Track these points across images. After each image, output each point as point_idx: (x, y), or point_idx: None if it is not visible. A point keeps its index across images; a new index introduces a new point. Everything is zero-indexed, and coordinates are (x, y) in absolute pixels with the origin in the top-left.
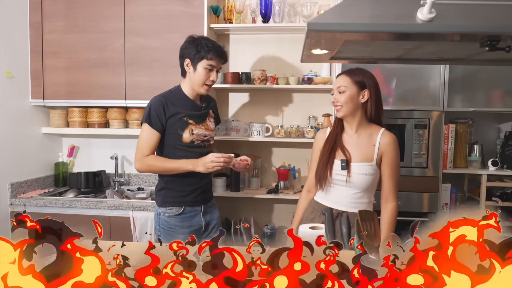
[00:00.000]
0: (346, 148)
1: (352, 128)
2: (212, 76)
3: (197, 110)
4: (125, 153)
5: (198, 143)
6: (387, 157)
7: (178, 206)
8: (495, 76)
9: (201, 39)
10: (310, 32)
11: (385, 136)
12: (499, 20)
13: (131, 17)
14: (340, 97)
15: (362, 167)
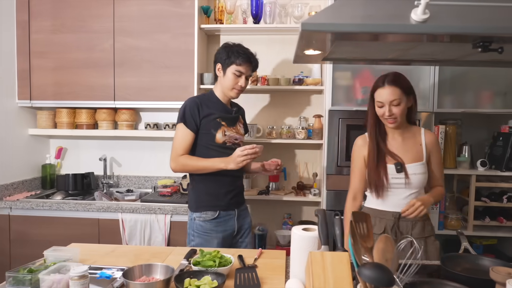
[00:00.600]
0: (395, 152)
1: (397, 132)
2: (240, 82)
3: (229, 113)
4: (114, 155)
5: (229, 145)
6: (434, 154)
7: (213, 211)
8: (484, 78)
9: (234, 46)
10: (303, 33)
11: (428, 136)
12: (492, 21)
13: (120, 17)
14: (395, 109)
15: (416, 167)
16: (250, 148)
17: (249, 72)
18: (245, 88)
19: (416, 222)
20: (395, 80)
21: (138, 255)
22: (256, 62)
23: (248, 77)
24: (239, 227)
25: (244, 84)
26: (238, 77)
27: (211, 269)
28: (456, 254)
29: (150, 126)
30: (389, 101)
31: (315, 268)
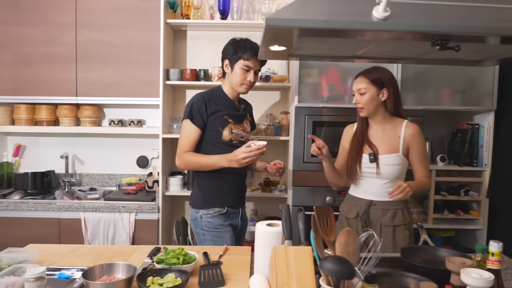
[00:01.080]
0: (373, 142)
1: (377, 123)
2: (249, 77)
3: (236, 110)
4: (77, 152)
5: (236, 143)
6: (414, 146)
7: (220, 207)
8: (444, 76)
9: (241, 41)
10: (268, 28)
11: (409, 128)
12: (450, 20)
13: (83, 10)
14: (361, 98)
15: (389, 158)
16: (256, 148)
17: (257, 67)
18: (254, 84)
19: (388, 210)
20: (367, 71)
21: (100, 255)
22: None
23: (257, 72)
24: (241, 227)
25: (253, 79)
26: (246, 72)
27: (174, 266)
28: (416, 246)
29: (114, 123)
30: (356, 89)
31: (279, 263)
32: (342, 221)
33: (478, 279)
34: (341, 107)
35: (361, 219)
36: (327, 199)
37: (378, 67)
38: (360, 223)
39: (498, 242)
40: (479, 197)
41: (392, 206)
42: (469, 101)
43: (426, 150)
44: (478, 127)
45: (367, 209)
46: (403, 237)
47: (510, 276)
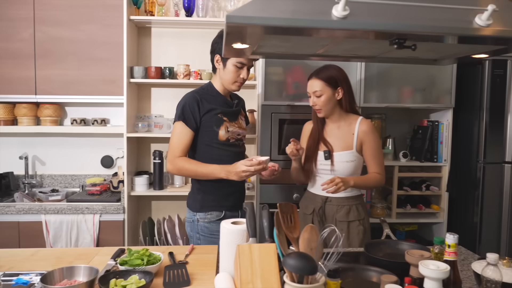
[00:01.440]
0: (328, 140)
1: (332, 121)
2: (242, 74)
3: (230, 107)
4: (37, 153)
5: (233, 141)
6: (367, 142)
7: (218, 211)
8: (405, 75)
9: None
10: (229, 25)
11: (362, 124)
12: (406, 20)
13: (42, 4)
14: (317, 100)
15: (343, 155)
16: (257, 163)
17: (251, 62)
18: (246, 80)
19: (343, 206)
20: (320, 73)
21: (61, 258)
22: None
23: (250, 68)
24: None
25: (247, 76)
26: (239, 69)
27: (138, 267)
28: (379, 240)
29: (76, 122)
30: (312, 92)
31: (243, 260)
32: (301, 216)
33: (435, 271)
34: (307, 105)
35: (317, 214)
36: (294, 196)
37: (330, 66)
38: (316, 219)
39: (454, 234)
40: (439, 191)
41: (347, 202)
42: (429, 99)
43: (379, 147)
44: (438, 124)
45: (322, 205)
46: (357, 233)
47: (467, 267)
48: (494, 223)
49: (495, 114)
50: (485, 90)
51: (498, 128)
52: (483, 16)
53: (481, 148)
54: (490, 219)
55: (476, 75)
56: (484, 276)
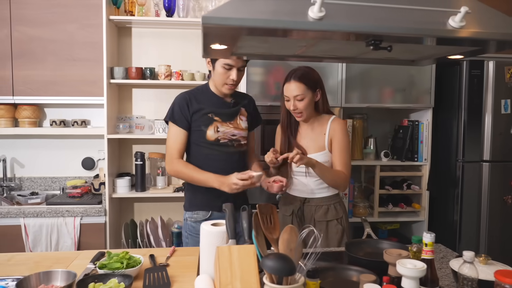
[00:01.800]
0: (301, 142)
1: (307, 122)
2: (232, 76)
3: (225, 107)
4: (16, 155)
5: (224, 141)
6: (335, 140)
7: (205, 211)
8: (386, 75)
9: None
10: (205, 26)
11: (333, 123)
12: (382, 21)
13: (18, 4)
14: (299, 104)
15: (317, 156)
16: (247, 178)
17: (240, 63)
18: (239, 82)
19: (320, 206)
20: (300, 75)
21: (39, 262)
22: None
23: (241, 69)
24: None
25: (237, 77)
26: (228, 70)
27: (117, 271)
28: (360, 239)
29: (56, 123)
30: (293, 96)
31: (222, 262)
32: (280, 218)
33: (412, 269)
34: None
35: (296, 216)
36: (277, 197)
37: (306, 68)
38: (295, 220)
39: (431, 233)
40: (420, 190)
41: (325, 202)
42: (409, 99)
43: (347, 146)
44: (418, 124)
45: (301, 206)
46: (336, 232)
47: (446, 264)
48: (473, 221)
49: (473, 114)
50: (463, 90)
51: (476, 127)
52: (456, 18)
53: (460, 147)
54: (469, 217)
55: (454, 76)
56: (460, 273)
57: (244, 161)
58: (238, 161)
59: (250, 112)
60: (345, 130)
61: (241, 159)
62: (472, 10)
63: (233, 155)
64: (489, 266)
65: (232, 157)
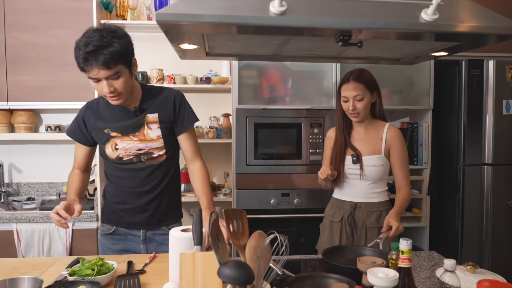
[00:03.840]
0: (355, 144)
1: (361, 125)
2: (104, 89)
3: (125, 118)
4: (13, 160)
5: (129, 158)
6: (394, 149)
7: (109, 225)
8: (383, 76)
9: (78, 42)
10: (160, 23)
11: (390, 130)
12: (347, 16)
13: (12, 10)
14: (358, 104)
15: (372, 159)
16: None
17: (102, 74)
18: (122, 90)
19: (373, 212)
20: (359, 76)
21: (16, 268)
22: (105, 56)
23: (113, 77)
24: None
25: (110, 88)
26: (97, 83)
27: (88, 278)
28: (341, 246)
29: (51, 129)
30: (353, 96)
31: (185, 269)
32: (326, 224)
33: (382, 279)
34: (282, 108)
35: (347, 221)
36: (272, 202)
37: (364, 70)
38: (345, 226)
39: (407, 240)
40: (420, 195)
41: (377, 207)
42: (408, 100)
43: (406, 155)
44: (417, 126)
45: (352, 211)
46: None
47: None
48: (476, 227)
49: (473, 115)
50: (463, 91)
51: (477, 129)
52: (428, 11)
53: (460, 150)
54: (471, 223)
55: (453, 76)
56: (442, 282)
57: (166, 174)
58: (150, 176)
59: (167, 114)
60: (403, 140)
61: (157, 173)
62: (447, 2)
63: (142, 171)
64: (477, 275)
65: (140, 174)
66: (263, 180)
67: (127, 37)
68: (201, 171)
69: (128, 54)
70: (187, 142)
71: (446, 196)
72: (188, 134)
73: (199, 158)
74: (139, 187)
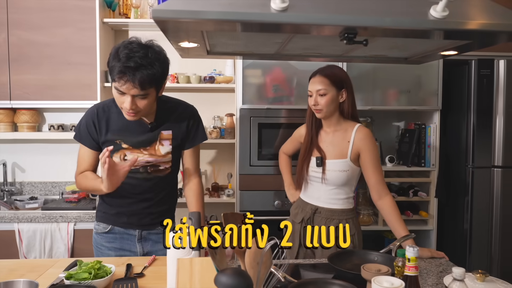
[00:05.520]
0: (322, 146)
1: (330, 126)
2: (125, 103)
3: (140, 132)
4: (16, 159)
5: (135, 168)
6: (365, 152)
7: (105, 223)
8: (390, 76)
9: (121, 48)
10: (156, 20)
11: (359, 132)
12: (352, 12)
13: (15, 8)
14: (320, 100)
15: (336, 164)
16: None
17: (133, 92)
18: (142, 110)
19: (332, 219)
20: (327, 71)
21: (14, 270)
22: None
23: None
24: (146, 253)
25: (132, 106)
26: (121, 95)
27: (84, 282)
28: (346, 250)
29: (54, 128)
30: (316, 90)
31: (181, 275)
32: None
33: None
34: (287, 108)
35: (306, 224)
36: (276, 203)
37: (335, 66)
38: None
39: (414, 247)
40: (427, 197)
41: (337, 215)
42: (415, 101)
43: (378, 158)
44: (425, 127)
45: (311, 215)
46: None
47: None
48: (485, 231)
49: (483, 116)
50: (472, 91)
51: (487, 131)
52: (438, 7)
53: (469, 152)
54: (480, 226)
55: (462, 76)
56: None
57: (169, 184)
58: (153, 186)
59: (181, 132)
60: (374, 142)
61: (160, 183)
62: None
63: (146, 181)
64: (487, 283)
65: (144, 183)
66: (267, 181)
67: (167, 62)
68: (199, 189)
69: (163, 79)
70: (191, 158)
71: (454, 199)
72: (194, 150)
73: (198, 175)
74: (140, 195)
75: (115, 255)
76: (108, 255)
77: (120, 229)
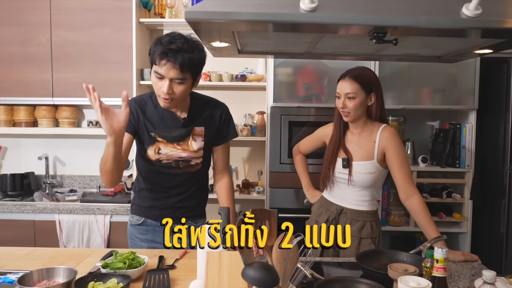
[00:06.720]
0: (348, 147)
1: (356, 128)
2: (163, 87)
3: (174, 127)
4: (57, 154)
5: (167, 163)
6: (390, 150)
7: (139, 216)
8: (423, 74)
9: (164, 36)
10: (189, 22)
11: (384, 131)
12: (382, 12)
13: (57, 9)
14: (349, 103)
15: (362, 166)
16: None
17: (172, 75)
18: (178, 97)
19: (357, 221)
20: (356, 74)
21: (54, 258)
22: (183, 58)
23: (178, 81)
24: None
25: (169, 90)
26: (160, 80)
27: (119, 271)
28: (375, 249)
29: (92, 124)
30: (344, 93)
31: (211, 268)
32: (312, 222)
33: None
34: (317, 106)
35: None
36: (305, 201)
37: (365, 68)
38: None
39: (443, 248)
40: (462, 199)
41: (362, 217)
42: (450, 100)
43: (405, 156)
44: (460, 127)
45: (336, 216)
46: None
47: None
48: None
49: None
50: (511, 90)
51: None
52: (470, 6)
53: (507, 153)
54: None
55: (501, 74)
56: None
57: (199, 179)
58: (185, 181)
59: (213, 129)
60: (399, 140)
61: (191, 178)
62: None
63: (178, 176)
64: None
65: (176, 177)
66: (296, 179)
67: (205, 53)
68: (229, 185)
69: (200, 67)
70: (222, 154)
71: (490, 201)
72: (225, 147)
73: (228, 171)
74: (172, 189)
75: (147, 246)
76: (141, 246)
77: (153, 221)
